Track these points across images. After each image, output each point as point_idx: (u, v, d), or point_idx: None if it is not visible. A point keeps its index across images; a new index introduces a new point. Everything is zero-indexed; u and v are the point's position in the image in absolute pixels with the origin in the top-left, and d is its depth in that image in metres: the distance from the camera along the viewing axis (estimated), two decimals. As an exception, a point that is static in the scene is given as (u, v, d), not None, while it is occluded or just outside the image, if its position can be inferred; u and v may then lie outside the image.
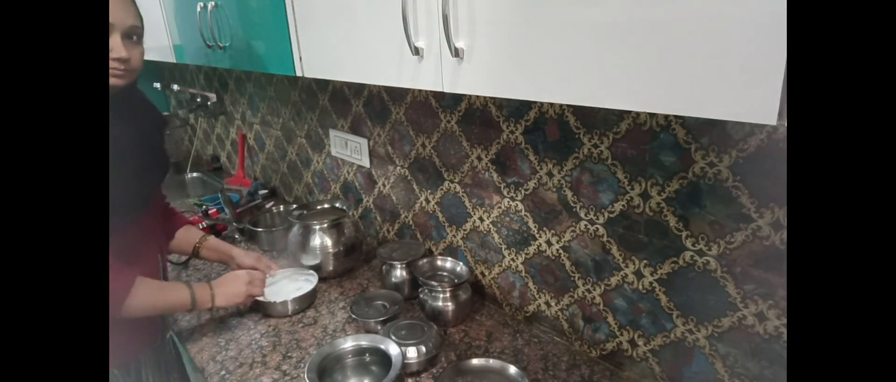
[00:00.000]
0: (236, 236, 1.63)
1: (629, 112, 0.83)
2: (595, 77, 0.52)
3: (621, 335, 0.96)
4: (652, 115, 0.80)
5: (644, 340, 0.92)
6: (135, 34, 0.83)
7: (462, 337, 1.08)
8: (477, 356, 1.00)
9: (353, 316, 1.11)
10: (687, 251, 0.81)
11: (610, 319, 0.97)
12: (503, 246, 1.14)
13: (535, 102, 0.97)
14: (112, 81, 0.80)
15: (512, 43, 0.58)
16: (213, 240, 1.21)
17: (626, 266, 0.91)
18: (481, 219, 1.16)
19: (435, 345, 0.99)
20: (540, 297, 1.09)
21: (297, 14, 0.92)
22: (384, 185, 1.43)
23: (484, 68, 0.62)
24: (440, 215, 1.28)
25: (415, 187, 1.33)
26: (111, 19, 0.78)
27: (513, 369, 0.92)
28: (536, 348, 1.04)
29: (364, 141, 1.43)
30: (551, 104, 0.94)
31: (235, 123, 2.08)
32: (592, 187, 0.92)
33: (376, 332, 1.04)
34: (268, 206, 1.74)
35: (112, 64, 0.79)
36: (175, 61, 1.50)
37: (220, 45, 1.18)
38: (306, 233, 1.30)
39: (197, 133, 2.47)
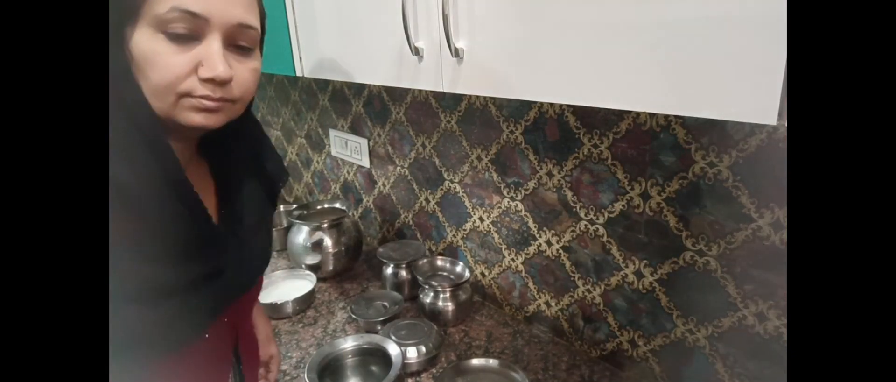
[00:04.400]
0: (236, 237, 1.63)
1: (629, 112, 0.83)
2: (595, 77, 0.52)
3: (621, 335, 0.96)
4: (652, 115, 0.80)
5: (644, 340, 0.92)
6: (245, 41, 0.49)
7: (462, 337, 1.08)
8: (477, 356, 1.00)
9: (354, 316, 1.11)
10: (687, 251, 0.81)
11: (610, 319, 0.97)
12: (503, 246, 1.14)
13: (534, 102, 0.97)
14: (198, 118, 0.47)
15: (512, 43, 0.58)
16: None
17: (626, 266, 0.91)
18: (481, 219, 1.16)
19: (435, 345, 0.99)
20: (540, 297, 1.09)
21: (297, 14, 0.92)
22: (384, 185, 1.43)
23: (484, 68, 0.62)
24: (440, 215, 1.28)
25: (415, 187, 1.33)
26: (203, 10, 0.45)
27: (512, 368, 0.92)
28: (536, 348, 1.04)
29: (364, 141, 1.43)
30: (551, 104, 0.94)
31: (235, 123, 2.08)
32: (592, 187, 0.92)
33: (376, 332, 1.04)
34: (268, 206, 1.74)
35: (200, 88, 0.46)
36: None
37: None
38: (306, 233, 1.30)
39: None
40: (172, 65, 0.45)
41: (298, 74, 0.97)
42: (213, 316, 0.55)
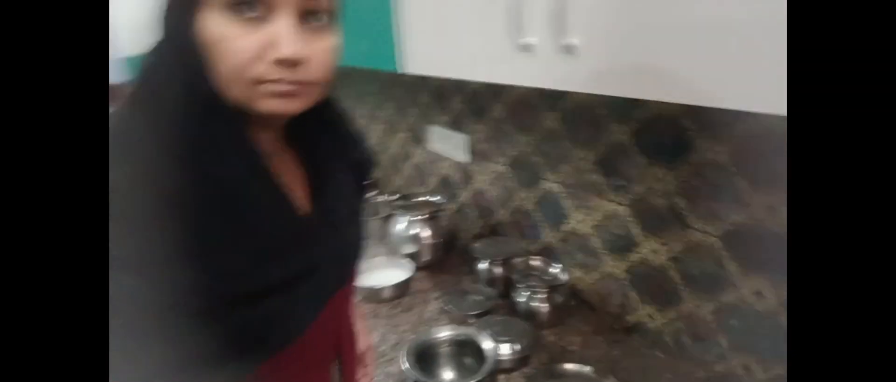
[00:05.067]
0: (340, 222, 1.73)
1: (757, 115, 0.76)
2: (720, 75, 0.48)
3: (734, 358, 0.88)
4: (783, 119, 0.72)
5: (762, 366, 0.84)
6: (321, 11, 0.44)
7: (556, 340, 1.06)
8: (571, 361, 0.98)
9: (447, 308, 1.13)
10: (821, 273, 0.73)
11: (721, 339, 0.90)
12: (603, 251, 1.09)
13: (645, 102, 0.92)
14: (275, 104, 0.43)
15: (628, 39, 0.56)
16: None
17: (744, 284, 0.83)
18: (581, 221, 1.13)
19: (528, 345, 0.98)
20: (641, 308, 1.04)
21: (405, 11, 0.95)
22: (481, 181, 1.44)
23: (596, 66, 0.60)
24: (537, 214, 1.26)
25: (512, 184, 1.32)
26: None
27: (609, 379, 0.89)
28: (635, 361, 0.99)
29: (463, 137, 1.45)
30: (666, 104, 0.88)
31: (343, 115, 2.21)
32: (708, 195, 0.85)
33: (469, 325, 1.05)
34: (370, 195, 1.84)
35: (273, 72, 0.42)
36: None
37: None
38: (406, 223, 1.35)
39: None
40: (241, 49, 0.41)
41: (402, 70, 1.00)
42: (314, 313, 0.52)
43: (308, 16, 0.43)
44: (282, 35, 0.41)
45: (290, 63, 0.42)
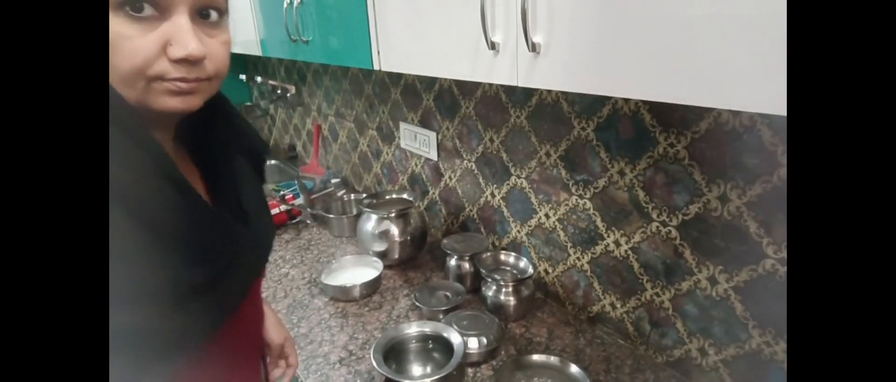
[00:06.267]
0: (309, 221, 1.72)
1: (710, 110, 0.80)
2: (681, 73, 0.50)
3: (690, 342, 0.92)
4: (735, 114, 0.77)
5: (715, 349, 0.89)
6: (213, 8, 0.45)
7: (523, 333, 1.09)
8: (538, 352, 1.00)
9: (417, 304, 1.14)
10: (768, 259, 0.77)
11: (679, 325, 0.94)
12: (569, 244, 1.12)
13: (609, 99, 0.95)
14: (175, 102, 0.44)
15: (592, 38, 0.58)
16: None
17: (700, 271, 0.88)
18: (547, 216, 1.16)
19: (496, 338, 1.00)
20: (605, 298, 1.07)
21: (378, 9, 0.96)
22: (451, 178, 1.46)
23: (561, 63, 0.62)
24: (505, 209, 1.28)
25: (481, 181, 1.34)
26: None
27: (574, 367, 0.92)
28: (599, 349, 1.03)
29: (433, 134, 1.46)
30: (626, 101, 0.92)
31: (312, 114, 2.19)
32: (666, 187, 0.89)
33: (439, 321, 1.07)
34: (339, 194, 1.83)
35: (173, 71, 0.42)
36: (260, 54, 1.59)
37: (304, 39, 1.25)
38: (375, 221, 1.35)
39: (275, 123, 2.62)
40: (139, 48, 0.40)
41: (376, 67, 1.01)
42: (235, 306, 0.53)
43: (201, 13, 0.44)
44: (180, 34, 0.41)
45: (191, 61, 0.42)
